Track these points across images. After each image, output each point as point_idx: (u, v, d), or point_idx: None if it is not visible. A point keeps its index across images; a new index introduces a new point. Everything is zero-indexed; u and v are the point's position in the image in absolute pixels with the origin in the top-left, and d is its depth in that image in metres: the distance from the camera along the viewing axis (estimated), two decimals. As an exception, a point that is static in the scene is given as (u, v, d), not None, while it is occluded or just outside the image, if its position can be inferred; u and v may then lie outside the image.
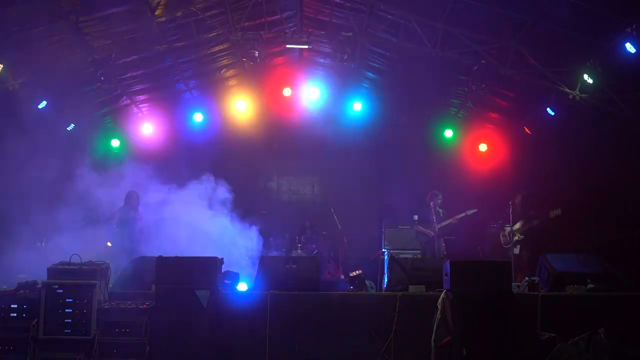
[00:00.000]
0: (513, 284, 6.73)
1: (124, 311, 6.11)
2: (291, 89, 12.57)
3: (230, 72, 12.78)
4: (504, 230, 10.47)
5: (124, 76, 10.98)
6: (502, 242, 10.47)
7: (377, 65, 12.28)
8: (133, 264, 7.45)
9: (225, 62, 12.29)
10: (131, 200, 9.77)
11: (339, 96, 12.98)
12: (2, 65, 8.67)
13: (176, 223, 9.82)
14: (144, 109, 12.77)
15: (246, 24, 10.41)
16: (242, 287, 7.49)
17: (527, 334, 6.07)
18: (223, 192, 10.97)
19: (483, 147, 12.97)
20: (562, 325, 6.09)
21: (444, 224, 10.65)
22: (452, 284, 5.93)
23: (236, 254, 10.20)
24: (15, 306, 6.07)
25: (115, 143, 12.55)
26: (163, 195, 10.27)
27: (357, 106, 12.74)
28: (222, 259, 6.47)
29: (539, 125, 11.41)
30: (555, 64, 9.44)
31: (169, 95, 12.80)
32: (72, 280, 6.12)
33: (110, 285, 6.62)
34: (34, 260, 7.48)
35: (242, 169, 13.09)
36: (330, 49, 11.38)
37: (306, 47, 11.08)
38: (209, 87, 13.01)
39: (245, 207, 11.19)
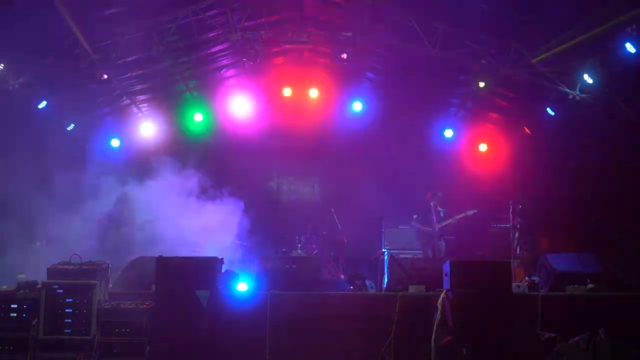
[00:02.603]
0: (513, 284, 6.73)
1: (124, 311, 6.11)
2: (291, 89, 12.56)
3: (230, 72, 12.78)
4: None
5: (124, 76, 10.97)
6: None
7: (377, 65, 12.27)
8: (133, 263, 7.44)
9: (225, 62, 12.29)
10: (123, 200, 9.72)
11: (339, 96, 12.96)
12: (2, 65, 8.66)
13: (172, 222, 9.82)
14: (144, 109, 12.76)
15: (246, 24, 10.41)
16: (242, 287, 7.48)
17: (527, 334, 6.06)
18: (221, 190, 10.97)
19: (483, 147, 12.96)
20: (562, 325, 6.09)
21: (443, 223, 10.67)
22: (452, 284, 5.93)
23: (233, 253, 10.20)
24: (15, 306, 6.07)
25: (115, 143, 12.54)
26: (162, 195, 10.27)
27: (357, 106, 12.73)
28: (222, 259, 6.47)
29: (539, 125, 11.40)
30: (555, 64, 9.44)
31: (169, 95, 12.79)
32: (72, 280, 6.12)
33: (110, 285, 6.62)
34: (33, 260, 7.49)
35: (242, 169, 13.08)
36: (330, 49, 11.38)
37: (306, 47, 11.08)
38: (209, 87, 13.00)
39: (245, 207, 11.19)
